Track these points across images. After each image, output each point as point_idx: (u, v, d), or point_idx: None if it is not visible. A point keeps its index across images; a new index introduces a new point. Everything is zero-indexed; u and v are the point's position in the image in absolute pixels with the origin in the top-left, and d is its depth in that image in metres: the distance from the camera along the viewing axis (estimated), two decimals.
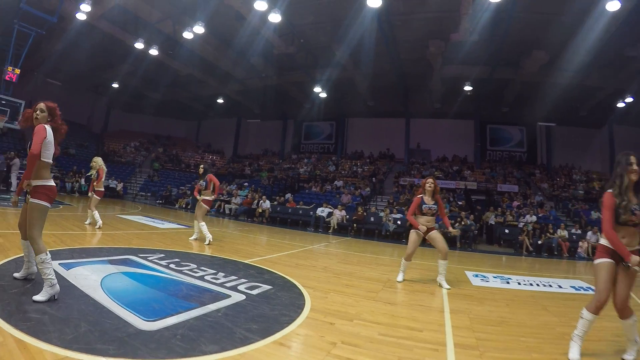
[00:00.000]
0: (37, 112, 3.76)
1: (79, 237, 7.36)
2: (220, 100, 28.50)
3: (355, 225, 16.65)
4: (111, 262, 5.46)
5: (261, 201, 18.60)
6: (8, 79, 17.76)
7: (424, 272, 7.43)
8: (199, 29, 17.02)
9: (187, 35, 17.95)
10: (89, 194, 9.42)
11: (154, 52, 20.86)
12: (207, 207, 8.85)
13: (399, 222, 15.97)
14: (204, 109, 31.85)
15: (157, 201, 23.31)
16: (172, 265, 5.61)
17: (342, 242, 12.97)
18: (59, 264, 4.88)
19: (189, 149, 34.43)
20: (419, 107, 25.87)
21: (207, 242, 8.35)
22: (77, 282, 4.19)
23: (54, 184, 3.88)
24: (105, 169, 9.53)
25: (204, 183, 8.80)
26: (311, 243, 11.79)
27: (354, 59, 20.00)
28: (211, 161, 31.81)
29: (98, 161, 9.35)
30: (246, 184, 23.92)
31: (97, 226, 8.83)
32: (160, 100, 30.96)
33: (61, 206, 13.78)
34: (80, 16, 17.67)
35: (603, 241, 3.30)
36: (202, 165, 9.14)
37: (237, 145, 34.12)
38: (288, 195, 20.69)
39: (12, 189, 17.71)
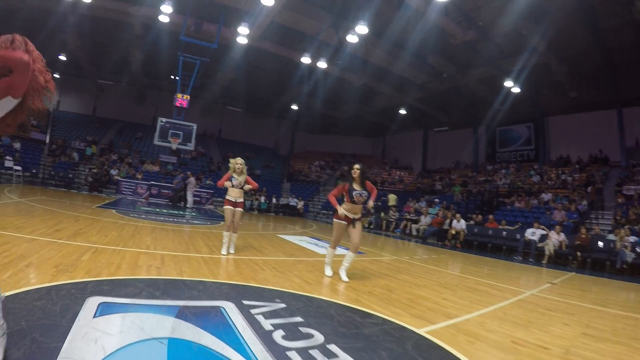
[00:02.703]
0: None
1: (189, 263, 5.57)
2: (402, 111, 27.05)
3: (578, 253, 12.21)
4: (182, 312, 3.28)
5: (454, 220, 15.21)
6: (179, 105, 20.11)
7: None
8: (362, 28, 16.08)
9: (352, 38, 17.23)
10: (237, 209, 6.85)
11: (322, 64, 20.79)
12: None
13: (638, 249, 11.40)
14: (388, 123, 30.85)
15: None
16: (278, 333, 3.10)
17: (569, 282, 8.65)
18: (101, 303, 3.25)
19: (375, 165, 33.66)
20: (633, 91, 19.23)
21: (328, 272, 5.84)
22: (69, 350, 2.34)
23: None
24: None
25: (366, 194, 5.62)
26: (524, 284, 7.98)
27: (547, 40, 16.32)
28: (399, 177, 30.07)
29: (243, 164, 6.96)
30: (437, 200, 21.49)
31: (228, 252, 6.81)
32: (342, 118, 31.90)
33: (222, 222, 12.56)
34: (241, 40, 18.75)
35: None
36: (357, 166, 5.66)
37: (425, 159, 32.08)
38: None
39: (188, 206, 18.89)
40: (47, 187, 19.74)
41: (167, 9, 16.57)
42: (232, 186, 6.68)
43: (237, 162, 6.74)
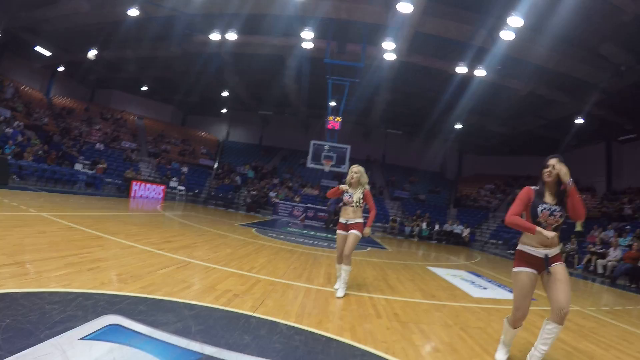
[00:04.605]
0: None
1: (283, 294, 4.56)
2: (579, 121, 22.21)
3: None
4: None
5: None
6: (330, 127, 20.22)
7: None
8: (516, 20, 13.94)
9: (507, 35, 15.05)
10: (356, 231, 5.04)
11: (479, 72, 18.81)
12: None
13: None
14: (561, 136, 25.97)
15: (509, 251, 19.03)
16: None
17: None
18: (112, 324, 2.63)
19: None
20: None
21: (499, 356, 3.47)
22: None
23: None
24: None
25: (562, 212, 3.17)
26: None
27: None
28: None
29: (362, 173, 5.23)
30: (628, 227, 17.11)
31: (340, 289, 5.09)
32: (510, 135, 28.48)
33: (369, 248, 11.50)
34: (389, 56, 18.06)
35: None
36: (552, 161, 3.29)
37: (610, 178, 26.18)
38: None
39: None
40: (207, 206, 21.90)
41: (307, 34, 17.00)
42: (344, 203, 5.29)
43: (352, 170, 5.20)
